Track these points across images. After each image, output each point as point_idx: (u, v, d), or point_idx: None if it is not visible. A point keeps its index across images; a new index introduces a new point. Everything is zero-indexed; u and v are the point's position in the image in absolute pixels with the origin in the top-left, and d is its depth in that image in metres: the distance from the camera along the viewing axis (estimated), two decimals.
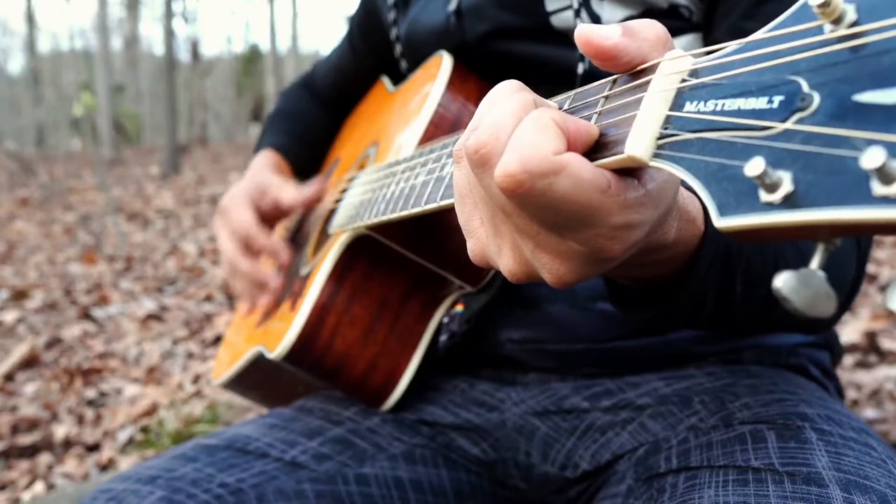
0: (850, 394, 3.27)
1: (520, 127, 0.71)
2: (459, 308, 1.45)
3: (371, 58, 1.84)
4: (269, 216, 1.70)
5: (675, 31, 0.73)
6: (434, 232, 1.37)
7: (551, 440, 1.39)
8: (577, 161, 0.68)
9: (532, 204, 0.70)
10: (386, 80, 1.82)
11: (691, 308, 0.99)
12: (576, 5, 1.28)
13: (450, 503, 1.41)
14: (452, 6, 1.44)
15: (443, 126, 1.39)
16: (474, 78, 1.45)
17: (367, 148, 1.65)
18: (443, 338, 1.45)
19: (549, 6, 1.32)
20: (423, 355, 1.44)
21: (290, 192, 1.69)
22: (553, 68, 1.32)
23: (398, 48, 1.64)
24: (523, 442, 1.41)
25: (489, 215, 0.80)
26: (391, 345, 1.43)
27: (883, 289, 4.14)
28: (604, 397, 1.38)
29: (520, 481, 1.43)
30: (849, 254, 1.16)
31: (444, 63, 1.46)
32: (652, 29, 0.73)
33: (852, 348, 3.57)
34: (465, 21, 1.43)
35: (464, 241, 0.88)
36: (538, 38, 1.35)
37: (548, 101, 0.80)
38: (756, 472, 1.02)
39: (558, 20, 1.31)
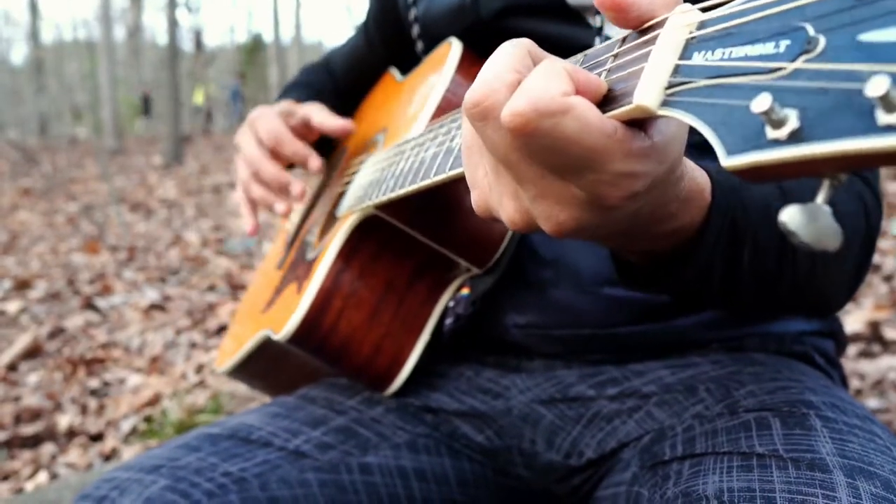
0: (854, 383, 3.27)
1: (530, 74, 0.72)
2: (465, 291, 1.45)
3: (385, 48, 1.84)
4: (296, 133, 1.69)
5: None
6: (441, 212, 1.36)
7: (556, 428, 1.39)
8: (585, 104, 0.69)
9: (537, 144, 0.71)
10: (394, 71, 1.82)
11: (698, 282, 0.99)
12: None
13: (453, 492, 1.41)
14: None
15: (451, 110, 1.39)
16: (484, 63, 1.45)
17: (376, 135, 1.65)
18: (448, 321, 1.45)
19: None
20: (428, 338, 1.43)
21: (321, 113, 1.69)
22: (569, 47, 1.31)
23: (415, 30, 1.64)
24: (528, 430, 1.41)
25: (493, 164, 0.81)
26: (396, 327, 1.43)
27: (887, 279, 4.15)
28: (609, 385, 1.38)
29: (523, 469, 1.43)
30: (857, 231, 1.16)
31: (453, 48, 1.46)
32: None
33: (856, 338, 3.57)
34: None
35: (471, 221, 0.89)
36: (554, 16, 1.34)
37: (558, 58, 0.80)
38: (760, 458, 1.02)
39: None
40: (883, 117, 0.47)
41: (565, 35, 1.34)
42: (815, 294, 1.16)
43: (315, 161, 1.64)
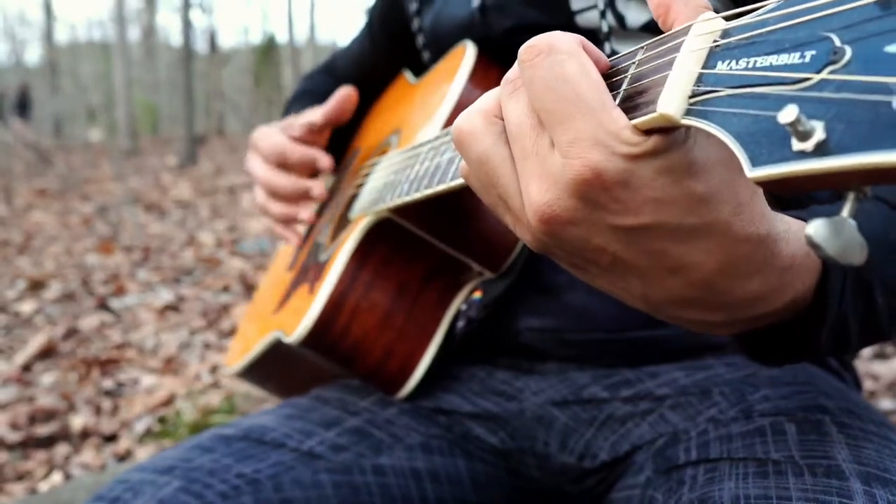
0: (868, 385, 3.27)
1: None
2: (477, 295, 1.45)
3: (390, 49, 1.83)
4: (301, 142, 1.69)
5: None
6: (455, 216, 1.36)
7: (570, 430, 1.39)
8: (588, 57, 0.73)
9: (538, 78, 0.73)
10: (407, 73, 1.82)
11: (838, 340, 0.93)
12: (601, 6, 1.28)
13: (466, 492, 1.41)
14: (476, 2, 1.44)
15: None
16: (497, 69, 1.45)
17: (389, 136, 1.65)
18: (460, 324, 1.45)
19: (574, 5, 1.31)
20: (440, 342, 1.43)
21: (318, 111, 1.68)
22: None
23: (420, 39, 1.64)
24: (542, 431, 1.41)
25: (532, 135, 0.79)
26: (409, 331, 1.42)
27: None
28: (623, 387, 1.37)
29: (535, 470, 1.43)
30: None
31: (467, 53, 1.45)
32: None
33: None
34: (490, 16, 1.43)
35: (485, 226, 0.88)
36: None
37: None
38: (776, 465, 1.01)
39: (583, 20, 1.30)
40: None
41: None
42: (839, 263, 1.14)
43: (325, 160, 1.64)
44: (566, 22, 1.32)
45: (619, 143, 0.69)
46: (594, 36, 1.30)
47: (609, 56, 1.25)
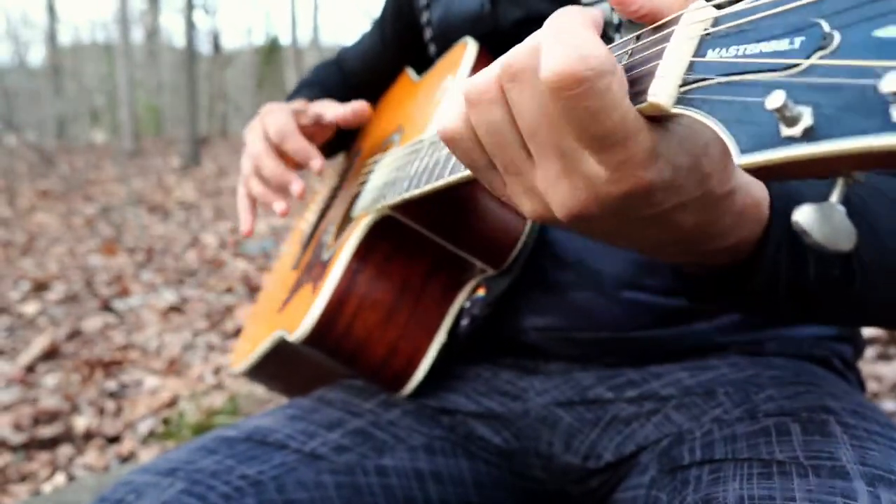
0: (871, 386, 3.26)
1: (570, 29, 0.68)
2: (481, 292, 1.45)
3: (400, 45, 1.83)
4: (306, 132, 1.66)
5: None
6: (456, 212, 1.36)
7: (575, 431, 1.39)
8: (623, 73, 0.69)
9: (581, 108, 0.67)
10: (410, 71, 1.82)
11: (766, 293, 0.95)
12: None
13: (469, 494, 1.41)
14: None
15: None
16: None
17: (391, 135, 1.65)
18: (464, 322, 1.45)
19: None
20: (444, 340, 1.43)
21: (332, 107, 1.66)
22: None
23: (428, 32, 1.63)
24: (546, 432, 1.41)
25: (506, 146, 0.79)
26: (412, 328, 1.42)
27: None
28: (628, 388, 1.37)
29: (539, 471, 1.43)
30: None
31: (468, 48, 1.46)
32: None
33: (873, 341, 3.55)
34: (500, 7, 1.43)
35: (486, 222, 0.88)
36: None
37: None
38: (780, 465, 1.01)
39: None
40: None
41: None
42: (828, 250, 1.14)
43: (317, 162, 1.59)
44: None
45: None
46: (604, 28, 1.30)
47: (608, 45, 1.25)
